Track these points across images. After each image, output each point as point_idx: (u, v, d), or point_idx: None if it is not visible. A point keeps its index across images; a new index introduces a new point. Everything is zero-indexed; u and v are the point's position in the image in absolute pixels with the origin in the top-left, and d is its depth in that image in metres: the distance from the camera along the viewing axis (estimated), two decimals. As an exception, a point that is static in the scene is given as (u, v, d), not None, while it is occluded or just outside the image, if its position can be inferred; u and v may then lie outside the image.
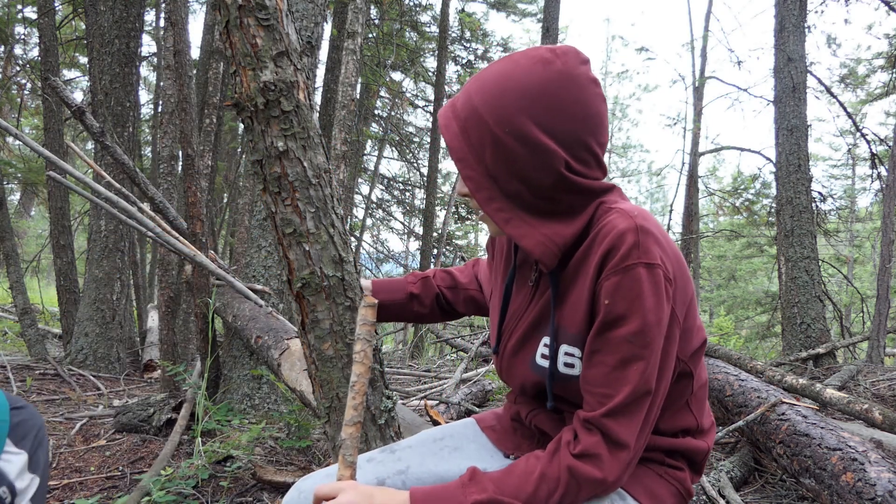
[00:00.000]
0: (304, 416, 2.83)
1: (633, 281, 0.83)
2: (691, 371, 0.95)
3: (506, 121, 0.86)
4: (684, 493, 0.99)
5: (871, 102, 12.42)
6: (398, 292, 1.32)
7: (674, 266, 0.87)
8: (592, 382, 0.88)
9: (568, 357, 0.94)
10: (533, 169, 0.88)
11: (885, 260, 5.37)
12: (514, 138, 0.86)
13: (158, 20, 9.13)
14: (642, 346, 0.84)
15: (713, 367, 3.25)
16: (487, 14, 13.62)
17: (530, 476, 0.86)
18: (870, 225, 15.84)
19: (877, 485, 1.79)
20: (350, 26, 4.96)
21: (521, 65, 0.88)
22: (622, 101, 27.06)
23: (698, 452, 1.00)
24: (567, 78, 0.87)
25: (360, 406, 0.91)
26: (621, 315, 0.84)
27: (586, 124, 0.88)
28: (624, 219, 0.86)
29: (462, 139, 0.91)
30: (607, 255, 0.86)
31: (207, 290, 3.24)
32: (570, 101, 0.87)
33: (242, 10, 1.11)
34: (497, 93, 0.87)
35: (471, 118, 0.89)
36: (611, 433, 0.85)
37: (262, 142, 1.16)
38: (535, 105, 0.86)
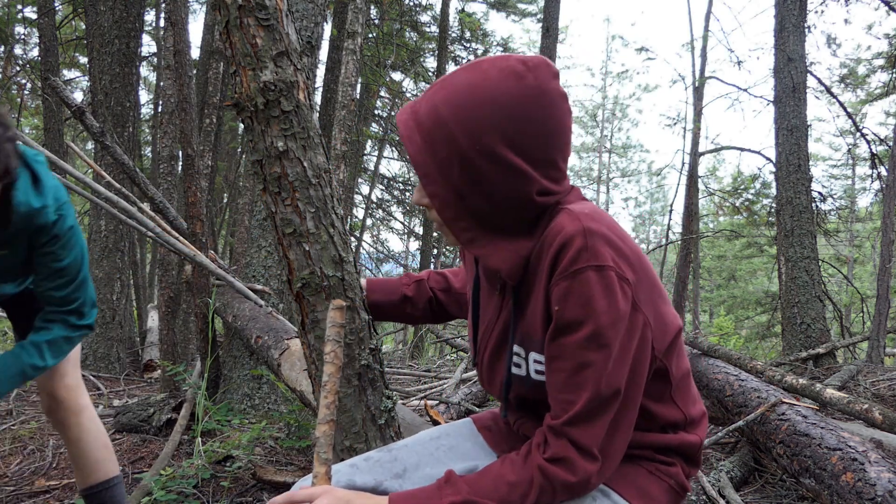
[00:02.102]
0: (304, 416, 2.83)
1: (583, 285, 0.81)
2: (667, 367, 0.93)
3: (477, 138, 0.83)
4: (678, 488, 0.97)
5: (871, 102, 12.42)
6: (392, 293, 1.32)
7: (631, 264, 0.85)
8: (554, 388, 0.87)
9: (538, 364, 0.93)
10: (504, 189, 0.85)
11: (885, 260, 5.37)
12: (486, 159, 0.83)
13: (158, 20, 9.13)
14: (597, 350, 0.82)
15: (713, 367, 3.25)
16: (487, 14, 13.63)
17: (504, 478, 0.87)
18: (870, 225, 15.84)
19: (877, 485, 1.79)
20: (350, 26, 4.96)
21: (491, 77, 0.84)
22: (622, 101, 27.07)
23: (691, 446, 0.98)
24: (540, 94, 0.83)
25: (332, 405, 0.92)
26: (573, 320, 0.82)
27: (556, 142, 0.86)
28: (571, 221, 0.84)
29: (427, 153, 0.86)
30: (556, 260, 0.84)
31: (207, 290, 3.24)
32: (543, 119, 0.84)
33: (242, 10, 1.11)
34: (467, 106, 0.83)
35: (437, 131, 0.85)
36: (575, 440, 0.84)
37: (262, 142, 1.16)
38: (509, 123, 0.82)
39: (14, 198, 1.44)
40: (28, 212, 1.47)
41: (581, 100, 27.87)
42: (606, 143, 27.26)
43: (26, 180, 1.49)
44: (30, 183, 1.50)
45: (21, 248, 1.56)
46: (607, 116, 27.35)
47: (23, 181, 1.47)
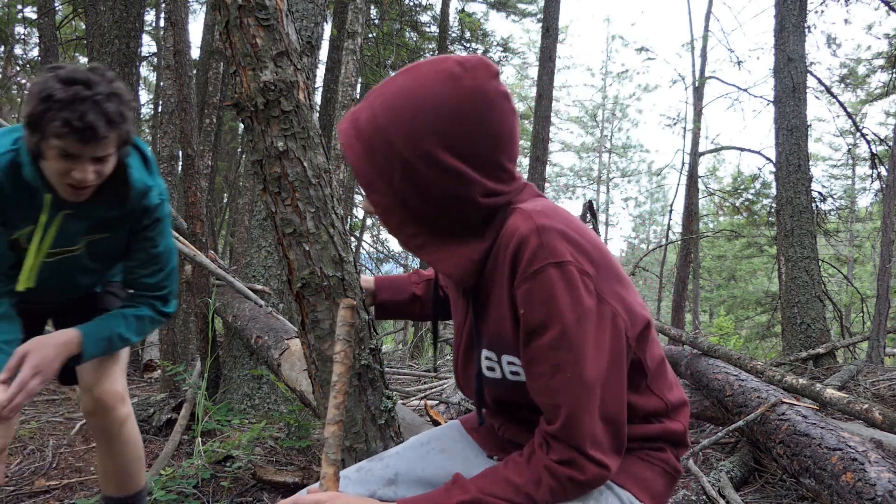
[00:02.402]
0: (304, 416, 2.83)
1: (544, 284, 0.81)
2: (640, 358, 0.93)
3: (415, 144, 0.81)
4: (672, 471, 0.99)
5: (871, 102, 12.42)
6: (402, 293, 1.32)
7: (590, 258, 0.84)
8: (538, 394, 0.87)
9: (511, 366, 0.93)
10: (447, 194, 0.84)
11: (885, 260, 5.37)
12: (425, 163, 0.82)
13: (158, 20, 9.13)
14: (569, 350, 0.82)
15: (713, 367, 3.25)
16: (487, 14, 13.62)
17: (510, 480, 0.87)
18: (870, 225, 15.84)
19: (877, 485, 1.79)
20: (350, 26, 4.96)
21: (428, 80, 0.82)
22: (622, 101, 27.05)
23: (675, 433, 0.99)
24: (478, 96, 0.82)
25: (341, 405, 0.92)
26: (540, 323, 0.82)
27: (498, 143, 0.85)
28: (524, 220, 0.83)
29: (367, 162, 0.85)
30: (514, 262, 0.83)
31: (207, 290, 3.24)
32: (482, 121, 0.82)
33: (242, 10, 1.11)
34: (404, 112, 0.82)
35: (376, 139, 0.84)
36: (575, 443, 0.84)
37: (262, 142, 1.16)
38: (446, 127, 0.81)
39: (131, 175, 1.45)
40: (142, 190, 1.48)
41: (581, 100, 27.88)
42: (606, 143, 27.26)
43: (138, 160, 1.50)
44: (141, 163, 1.51)
45: (123, 233, 1.55)
46: (607, 116, 27.34)
47: (135, 160, 1.48)
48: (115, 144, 1.34)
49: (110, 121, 1.28)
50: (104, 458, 1.66)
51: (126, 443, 1.65)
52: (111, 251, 1.59)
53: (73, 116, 1.23)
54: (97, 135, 1.26)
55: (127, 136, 1.36)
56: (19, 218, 1.44)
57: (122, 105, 1.32)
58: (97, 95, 1.27)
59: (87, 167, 1.32)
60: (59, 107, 1.23)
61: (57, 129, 1.24)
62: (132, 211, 1.51)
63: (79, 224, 1.48)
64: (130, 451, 1.67)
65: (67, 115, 1.23)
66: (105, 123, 1.27)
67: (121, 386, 1.63)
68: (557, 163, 28.15)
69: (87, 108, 1.25)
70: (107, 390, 1.59)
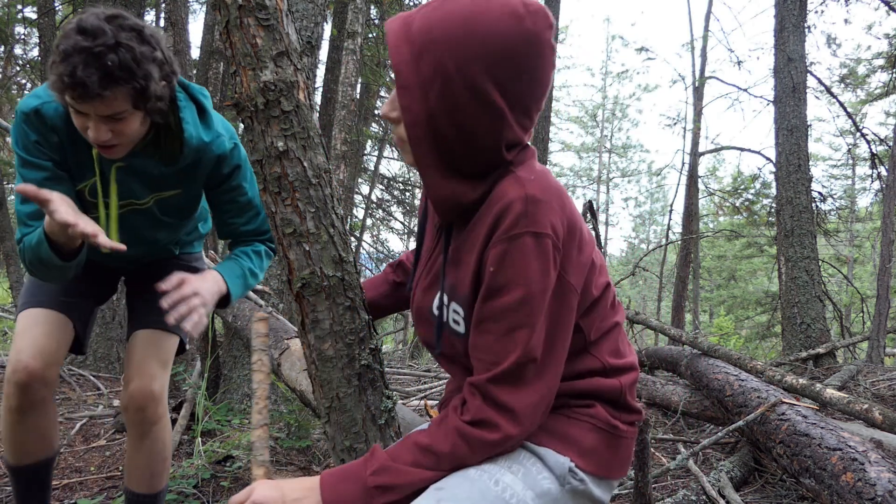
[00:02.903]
0: (304, 416, 2.83)
1: (519, 250, 0.83)
2: (581, 327, 0.94)
3: (465, 68, 0.82)
4: (605, 426, 0.96)
5: (871, 102, 12.41)
6: (381, 285, 1.33)
7: (567, 234, 0.87)
8: (480, 349, 0.89)
9: (455, 315, 0.95)
10: (478, 125, 0.85)
11: (885, 260, 5.37)
12: (466, 88, 0.83)
13: (158, 20, 9.13)
14: (527, 315, 0.84)
15: (713, 367, 3.25)
16: (487, 14, 13.61)
17: (417, 443, 0.89)
18: (870, 225, 15.84)
19: (877, 485, 1.79)
20: (350, 26, 4.96)
21: (491, 11, 0.83)
22: (622, 101, 27.05)
23: (609, 391, 0.97)
24: (534, 41, 0.84)
25: (263, 409, 0.96)
26: (506, 283, 0.85)
27: (536, 91, 0.87)
28: (516, 186, 0.86)
29: (412, 67, 0.85)
30: (497, 223, 0.86)
31: (207, 290, 3.23)
32: (531, 66, 0.84)
33: (242, 10, 1.11)
34: (462, 33, 0.82)
35: (427, 50, 0.83)
36: (497, 398, 0.86)
37: (262, 142, 1.16)
38: (499, 63, 0.82)
39: (185, 131, 1.37)
40: (199, 146, 1.41)
41: (581, 100, 27.90)
42: (606, 143, 27.26)
43: (193, 114, 1.41)
44: (197, 116, 1.43)
45: (195, 188, 1.49)
46: (607, 116, 27.35)
47: (190, 113, 1.40)
48: (128, 101, 1.22)
49: (108, 75, 1.15)
50: (133, 453, 1.66)
51: (155, 442, 1.64)
52: (185, 205, 1.54)
53: (66, 71, 1.13)
54: (89, 92, 1.15)
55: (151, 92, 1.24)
56: (79, 168, 1.38)
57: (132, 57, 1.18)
58: (97, 47, 1.14)
59: (100, 126, 1.23)
60: (58, 59, 1.14)
61: (53, 83, 1.15)
62: (194, 167, 1.44)
63: (136, 179, 1.42)
64: (158, 451, 1.66)
65: (61, 70, 1.14)
66: (100, 79, 1.15)
67: (159, 386, 1.60)
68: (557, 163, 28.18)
69: (80, 62, 1.13)
70: (141, 389, 1.57)
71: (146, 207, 1.50)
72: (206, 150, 1.43)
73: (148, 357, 1.60)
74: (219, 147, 1.45)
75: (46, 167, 1.36)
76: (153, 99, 1.26)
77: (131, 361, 1.60)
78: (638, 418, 1.01)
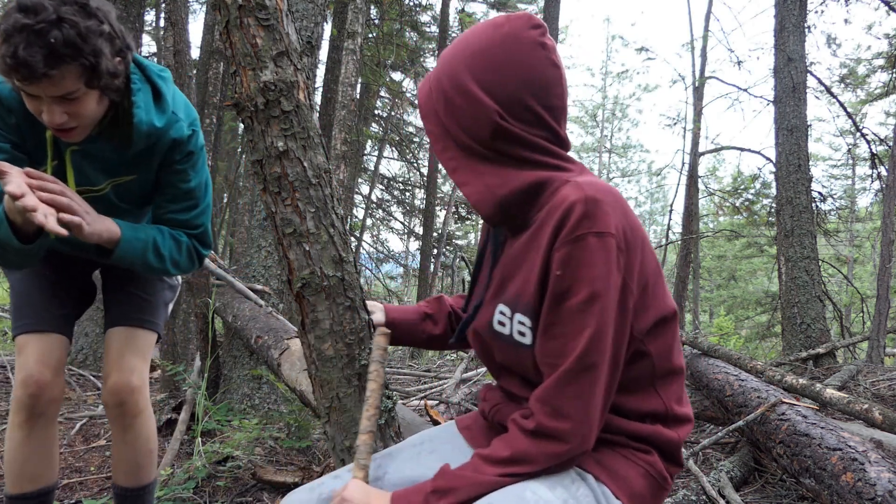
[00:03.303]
0: (304, 416, 2.83)
1: (583, 250, 0.85)
2: (648, 350, 0.94)
3: (453, 76, 0.96)
4: (657, 476, 0.96)
5: (871, 102, 12.40)
6: (411, 313, 1.31)
7: (629, 237, 0.88)
8: (549, 354, 0.90)
9: (521, 326, 0.95)
10: (471, 119, 0.95)
11: (885, 260, 5.37)
12: (455, 91, 0.96)
13: (158, 20, 9.13)
14: (591, 314, 0.85)
15: (713, 367, 3.25)
16: (487, 14, 13.62)
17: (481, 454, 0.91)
18: (870, 225, 15.84)
19: (877, 485, 1.79)
20: (350, 26, 4.96)
21: (477, 30, 0.98)
22: (622, 101, 27.06)
23: (667, 443, 0.97)
24: (511, 40, 0.94)
25: (373, 417, 1.05)
26: (571, 285, 0.86)
27: (525, 83, 0.94)
28: (575, 191, 0.88)
29: (427, 98, 1.01)
30: (559, 227, 0.88)
31: (207, 290, 3.24)
32: (508, 61, 0.93)
33: (242, 10, 1.11)
34: (452, 54, 0.98)
35: (434, 79, 1.00)
36: (557, 405, 0.87)
37: (262, 142, 1.16)
38: (477, 62, 0.94)
39: (135, 116, 1.32)
40: (150, 131, 1.34)
41: (581, 100, 27.89)
42: (606, 143, 27.26)
43: (147, 96, 1.35)
44: (151, 100, 1.36)
45: (150, 172, 1.44)
46: (607, 116, 27.35)
47: (143, 97, 1.34)
48: (80, 80, 1.16)
49: (53, 53, 1.09)
50: (117, 448, 1.65)
51: (139, 434, 1.63)
52: (142, 192, 1.49)
53: (8, 52, 1.07)
54: (34, 72, 1.09)
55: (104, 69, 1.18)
56: (37, 152, 1.34)
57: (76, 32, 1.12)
58: (38, 24, 1.07)
59: (53, 108, 1.17)
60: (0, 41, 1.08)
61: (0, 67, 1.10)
62: (148, 151, 1.39)
63: (92, 164, 1.38)
64: (142, 443, 1.65)
65: (4, 51, 1.08)
66: (44, 57, 1.09)
67: (138, 378, 1.58)
68: (557, 163, 28.11)
69: (21, 41, 1.07)
70: (120, 382, 1.56)
71: (103, 194, 1.45)
72: (159, 135, 1.37)
73: (125, 352, 1.59)
74: (176, 132, 1.40)
75: (4, 149, 1.32)
76: (106, 76, 1.20)
77: (109, 357, 1.58)
78: (678, 472, 1.02)
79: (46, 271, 1.58)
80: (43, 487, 1.53)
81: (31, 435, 1.47)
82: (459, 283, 11.58)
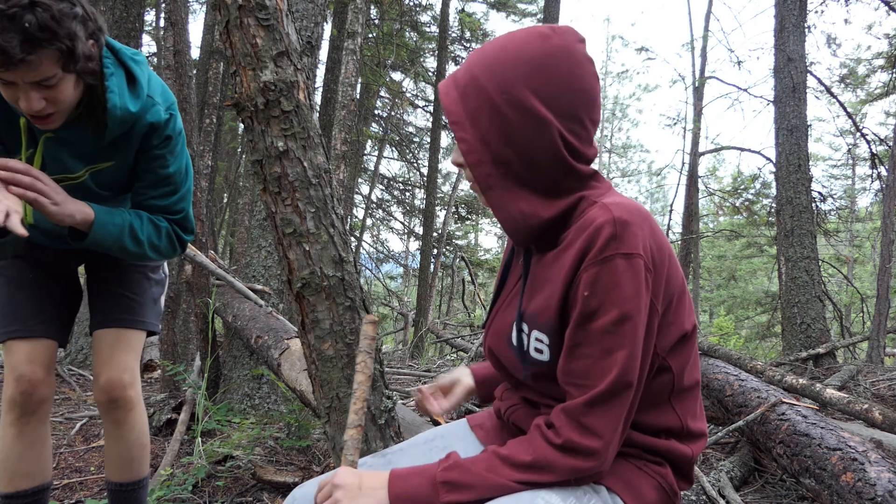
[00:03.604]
0: (304, 416, 2.83)
1: (611, 272, 0.84)
2: (670, 366, 0.94)
3: (504, 87, 0.89)
4: (668, 489, 0.96)
5: (871, 102, 12.41)
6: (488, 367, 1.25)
7: (655, 257, 0.87)
8: (576, 375, 0.89)
9: (537, 343, 0.95)
10: (527, 137, 0.89)
11: (885, 260, 5.37)
12: (510, 105, 0.88)
13: (158, 20, 9.12)
14: (623, 335, 0.84)
15: (713, 367, 3.25)
16: (487, 14, 13.63)
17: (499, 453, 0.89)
18: (870, 225, 15.84)
19: (877, 485, 1.79)
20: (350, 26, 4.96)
21: (519, 38, 0.91)
22: (622, 101, 27.07)
23: (681, 458, 0.97)
24: (564, 52, 0.89)
25: (360, 410, 0.98)
26: (600, 306, 0.85)
27: (581, 98, 0.90)
28: (603, 212, 0.87)
29: (460, 103, 0.92)
30: (587, 248, 0.87)
31: (207, 290, 3.24)
32: (567, 74, 0.89)
33: (242, 10, 1.11)
34: (496, 62, 0.90)
35: (470, 85, 0.91)
36: (588, 423, 0.86)
37: (262, 142, 1.16)
38: (533, 74, 0.88)
39: (109, 101, 1.30)
40: (124, 116, 1.33)
41: (581, 100, 27.81)
42: (606, 143, 27.26)
43: (121, 80, 1.34)
44: (125, 84, 1.34)
45: (128, 158, 1.42)
46: (607, 116, 27.34)
47: (117, 81, 1.32)
48: (57, 64, 1.16)
49: (29, 38, 1.09)
50: (110, 443, 1.66)
51: (132, 429, 1.64)
52: (121, 178, 1.48)
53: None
54: (11, 58, 1.08)
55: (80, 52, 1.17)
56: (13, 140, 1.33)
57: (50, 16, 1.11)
58: (11, 9, 1.07)
59: (31, 95, 1.17)
60: None
61: None
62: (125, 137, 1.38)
63: (69, 151, 1.37)
64: (135, 437, 1.65)
65: None
66: (20, 43, 1.08)
67: (129, 375, 1.59)
68: (557, 163, 28.13)
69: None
70: (112, 379, 1.57)
71: (81, 181, 1.43)
72: (135, 120, 1.36)
73: (115, 351, 1.59)
74: (153, 116, 1.38)
75: None
76: (82, 59, 1.20)
77: (100, 357, 1.59)
78: (688, 489, 1.02)
79: (31, 274, 1.58)
80: (38, 485, 1.54)
81: (23, 432, 1.48)
82: (459, 284, 11.57)
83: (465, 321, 9.75)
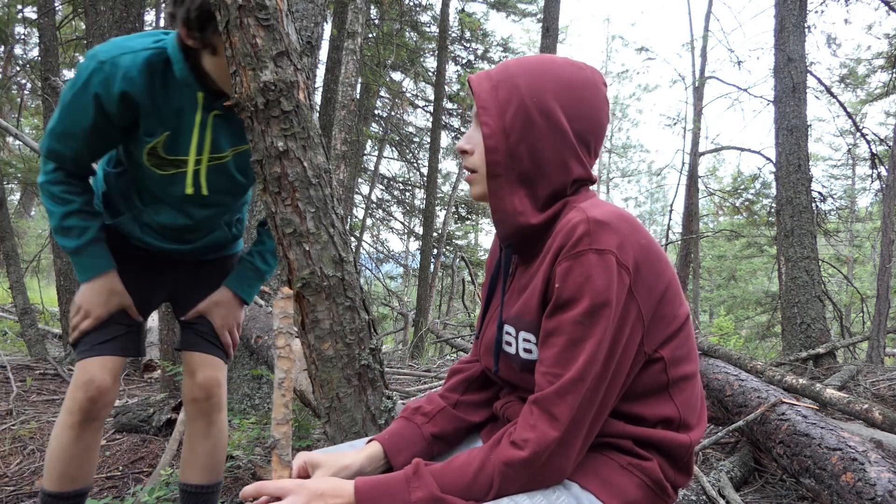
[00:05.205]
0: (304, 416, 2.83)
1: (583, 265, 0.87)
2: (662, 356, 0.93)
3: (536, 91, 0.97)
4: (654, 486, 0.93)
5: (871, 102, 12.41)
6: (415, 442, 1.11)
7: (636, 255, 0.89)
8: (545, 363, 0.90)
9: (525, 343, 0.98)
10: (543, 140, 0.97)
11: (885, 260, 5.37)
12: (538, 108, 0.96)
13: (158, 20, 9.13)
14: (591, 326, 0.86)
15: (713, 367, 3.25)
16: (487, 14, 13.62)
17: (469, 468, 0.88)
18: (870, 225, 15.83)
19: (877, 485, 1.79)
20: (350, 26, 4.96)
21: (558, 61, 1.02)
22: (622, 101, 27.06)
23: (678, 447, 0.95)
24: (593, 85, 1.00)
25: (289, 403, 0.85)
26: (571, 297, 0.88)
27: (595, 128, 1.00)
28: (579, 214, 0.91)
29: (491, 93, 1.00)
30: (561, 246, 0.91)
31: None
32: (591, 102, 0.99)
33: (242, 10, 1.11)
34: (533, 70, 0.99)
35: (505, 80, 0.99)
36: (552, 410, 0.86)
37: (262, 142, 1.16)
38: (564, 91, 0.97)
39: None
40: None
41: (581, 100, 27.80)
42: (606, 143, 27.26)
43: None
44: None
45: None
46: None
47: None
48: None
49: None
50: (197, 443, 1.67)
51: (221, 429, 1.68)
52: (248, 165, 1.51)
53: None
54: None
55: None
56: (157, 122, 1.35)
57: None
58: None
59: None
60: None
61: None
62: None
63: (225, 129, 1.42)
64: (223, 438, 1.69)
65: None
66: None
67: (222, 374, 1.66)
68: (557, 163, 28.10)
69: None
70: (208, 377, 1.62)
71: (225, 161, 1.48)
72: None
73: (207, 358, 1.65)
74: None
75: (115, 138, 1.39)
76: None
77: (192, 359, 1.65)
78: (686, 484, 1.00)
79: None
80: (80, 488, 1.55)
81: (81, 437, 1.50)
82: (459, 284, 11.57)
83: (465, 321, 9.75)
